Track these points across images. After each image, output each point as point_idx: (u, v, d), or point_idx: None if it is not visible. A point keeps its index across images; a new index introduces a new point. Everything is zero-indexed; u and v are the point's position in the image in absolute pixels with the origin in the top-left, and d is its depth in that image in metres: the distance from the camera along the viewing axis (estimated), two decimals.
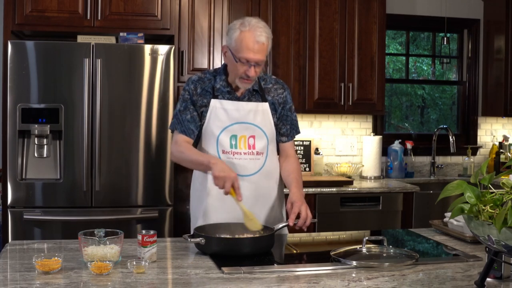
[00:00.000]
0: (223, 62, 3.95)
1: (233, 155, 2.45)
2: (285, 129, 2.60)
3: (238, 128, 2.46)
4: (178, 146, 2.44)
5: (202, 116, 2.46)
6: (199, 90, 2.46)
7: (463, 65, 5.19)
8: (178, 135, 2.47)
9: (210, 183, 2.41)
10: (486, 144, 5.14)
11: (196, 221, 2.50)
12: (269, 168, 2.53)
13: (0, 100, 3.71)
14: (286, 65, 4.19)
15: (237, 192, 2.24)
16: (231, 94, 2.47)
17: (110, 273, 1.84)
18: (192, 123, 2.45)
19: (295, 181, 2.49)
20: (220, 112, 2.45)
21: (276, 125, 2.55)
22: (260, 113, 2.49)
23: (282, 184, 2.61)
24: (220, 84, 2.46)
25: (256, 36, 2.33)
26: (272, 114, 2.53)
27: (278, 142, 2.60)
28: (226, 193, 2.23)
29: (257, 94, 2.51)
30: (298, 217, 2.33)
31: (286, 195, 2.48)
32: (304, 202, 2.37)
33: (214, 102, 2.45)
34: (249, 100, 2.49)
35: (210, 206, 2.46)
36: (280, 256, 2.31)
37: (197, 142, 2.52)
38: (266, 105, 2.51)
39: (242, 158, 2.45)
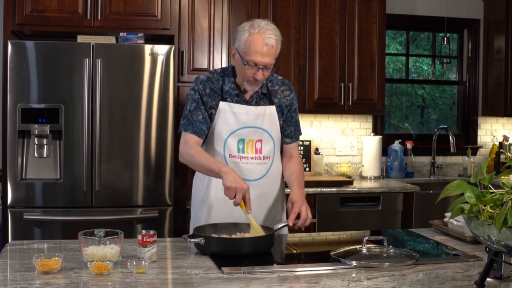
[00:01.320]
0: (228, 63, 4.02)
1: (240, 159, 2.44)
2: (289, 130, 2.59)
3: (246, 132, 2.44)
4: (189, 148, 2.39)
5: (210, 117, 2.44)
6: (208, 91, 2.44)
7: (463, 65, 5.18)
8: (188, 135, 2.42)
9: (213, 185, 2.41)
10: (486, 144, 5.14)
11: (199, 221, 2.49)
12: (274, 171, 2.53)
13: (0, 100, 3.70)
14: (286, 65, 4.19)
15: (247, 204, 2.21)
16: (240, 97, 2.44)
17: (110, 273, 1.84)
18: (204, 123, 2.42)
19: (297, 181, 2.48)
20: (229, 115, 2.43)
21: (281, 127, 2.54)
22: (268, 116, 2.48)
23: (283, 184, 2.61)
24: (229, 86, 2.44)
25: (265, 39, 2.30)
26: (279, 117, 2.52)
27: (282, 143, 2.59)
28: (237, 204, 2.19)
29: (265, 97, 2.49)
30: (298, 217, 2.33)
31: (287, 195, 2.48)
32: (305, 202, 2.36)
33: (222, 105, 2.43)
34: (257, 103, 2.47)
35: (213, 206, 2.46)
36: (280, 256, 2.31)
37: (203, 143, 2.50)
38: (273, 108, 2.50)
39: (249, 163, 2.44)
